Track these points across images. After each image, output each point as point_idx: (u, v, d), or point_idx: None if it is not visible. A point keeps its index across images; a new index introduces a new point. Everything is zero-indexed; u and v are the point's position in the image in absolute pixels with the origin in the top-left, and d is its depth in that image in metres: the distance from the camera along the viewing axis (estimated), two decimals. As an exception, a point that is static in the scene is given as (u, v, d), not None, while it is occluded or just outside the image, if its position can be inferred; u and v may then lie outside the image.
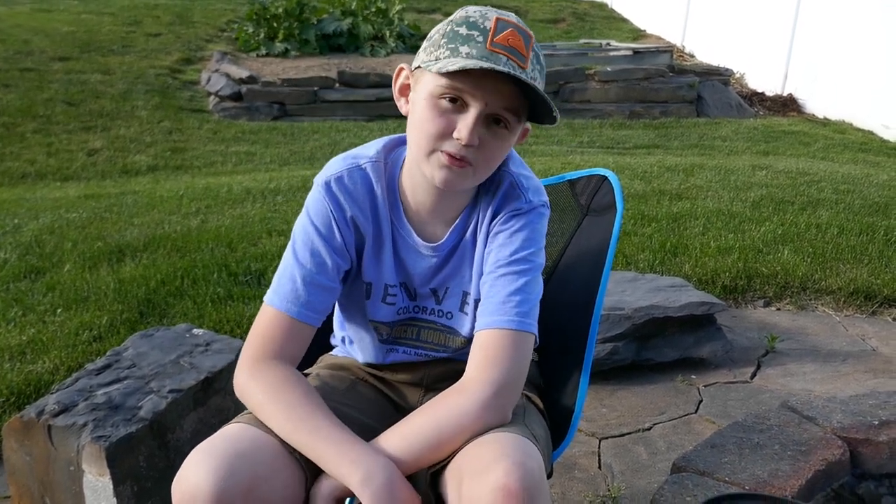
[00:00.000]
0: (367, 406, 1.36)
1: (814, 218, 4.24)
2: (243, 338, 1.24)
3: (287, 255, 1.24)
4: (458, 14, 1.15)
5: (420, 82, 1.17)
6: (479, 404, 1.11)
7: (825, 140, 8.12)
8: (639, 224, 4.05)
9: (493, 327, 1.18)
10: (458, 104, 1.13)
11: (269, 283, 1.25)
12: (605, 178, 1.71)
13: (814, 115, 9.69)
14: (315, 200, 1.25)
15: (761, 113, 9.72)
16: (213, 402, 1.99)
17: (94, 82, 8.49)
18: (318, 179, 1.26)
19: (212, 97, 8.41)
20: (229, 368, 2.02)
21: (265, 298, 1.23)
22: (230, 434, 1.11)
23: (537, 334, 1.22)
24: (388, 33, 10.06)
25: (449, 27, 1.14)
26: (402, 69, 1.23)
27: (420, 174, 1.21)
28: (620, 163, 5.92)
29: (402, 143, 1.30)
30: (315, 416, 1.13)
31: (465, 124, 1.11)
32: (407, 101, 1.22)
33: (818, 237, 3.90)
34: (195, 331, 2.21)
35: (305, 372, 1.44)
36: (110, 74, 8.79)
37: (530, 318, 1.20)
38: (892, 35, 8.42)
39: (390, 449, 1.12)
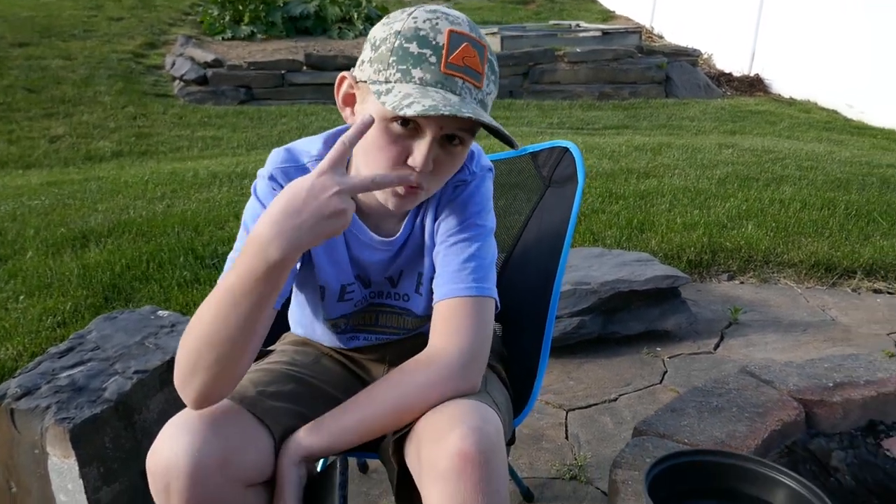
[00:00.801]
0: (332, 378, 1.37)
1: (777, 194, 4.31)
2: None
3: (240, 241, 1.19)
4: (408, 25, 1.06)
5: (368, 101, 1.10)
6: (445, 375, 1.12)
7: (791, 119, 8.24)
8: (606, 202, 4.09)
9: (452, 296, 1.18)
10: (411, 127, 1.07)
11: None
12: (566, 149, 1.73)
13: (780, 94, 9.82)
14: (264, 189, 1.20)
15: (729, 93, 9.82)
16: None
17: (55, 68, 8.32)
18: (264, 172, 1.22)
19: (177, 81, 8.29)
20: (195, 348, 2.01)
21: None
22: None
23: (497, 298, 1.23)
24: (355, 15, 9.98)
25: (398, 42, 1.06)
26: (343, 78, 1.15)
27: None
28: (590, 143, 5.95)
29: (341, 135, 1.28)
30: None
31: (420, 153, 1.07)
32: (353, 113, 1.16)
33: (781, 212, 3.97)
34: (160, 313, 2.19)
35: (269, 349, 1.44)
36: (72, 60, 8.62)
37: (488, 283, 1.20)
38: (855, 16, 8.54)
39: (355, 413, 1.13)
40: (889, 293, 3.31)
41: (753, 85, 10.02)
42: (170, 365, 1.94)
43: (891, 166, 5.40)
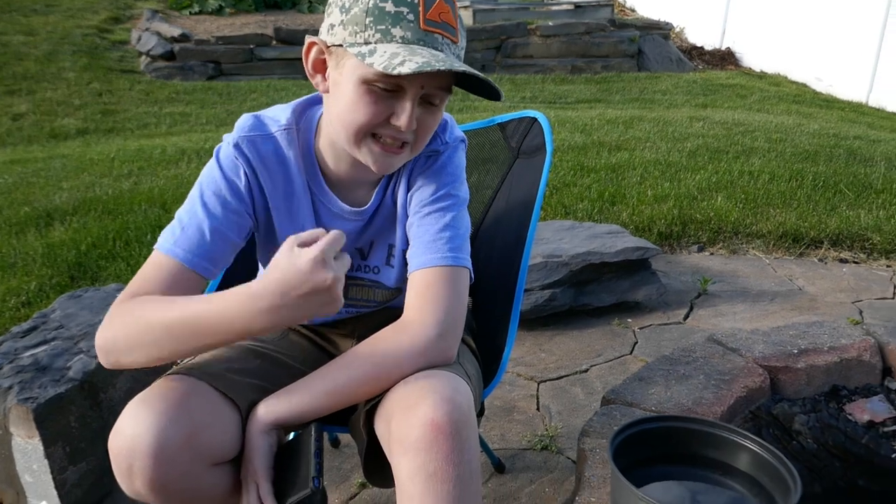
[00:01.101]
0: (299, 354, 1.36)
1: (747, 166, 4.35)
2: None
3: (194, 205, 1.16)
4: None
5: (345, 65, 1.08)
6: (420, 344, 1.11)
7: (761, 92, 8.30)
8: (578, 175, 4.09)
9: (427, 266, 1.17)
10: (393, 87, 1.06)
11: None
12: (534, 119, 1.73)
13: (751, 68, 9.88)
14: (227, 156, 1.18)
15: (700, 66, 9.86)
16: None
17: (16, 44, 8.10)
18: (229, 138, 1.19)
19: (143, 57, 8.11)
20: (162, 325, 1.98)
21: (162, 247, 1.14)
22: (167, 385, 1.08)
23: (471, 269, 1.22)
24: (325, -11, 9.82)
25: (371, 2, 1.04)
26: (312, 44, 1.12)
27: (343, 147, 1.16)
28: (562, 116, 5.95)
29: (313, 104, 1.25)
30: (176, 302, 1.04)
31: (404, 111, 1.06)
32: (324, 79, 1.13)
33: (750, 184, 4.00)
34: (126, 290, 2.16)
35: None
36: (34, 35, 8.38)
37: (463, 253, 1.20)
38: (823, -13, 8.59)
39: (327, 380, 1.12)
40: (854, 262, 3.37)
41: (725, 58, 10.06)
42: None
43: (857, 138, 5.47)
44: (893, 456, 1.23)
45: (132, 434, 0.99)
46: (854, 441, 1.26)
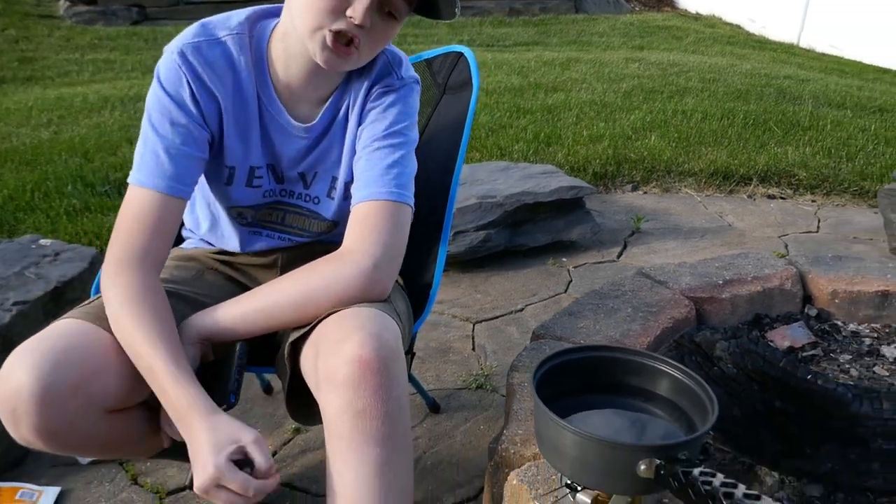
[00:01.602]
0: (216, 293, 1.31)
1: (680, 105, 4.39)
2: (104, 250, 1.14)
3: (145, 130, 1.13)
4: None
5: None
6: (356, 273, 1.09)
7: (696, 34, 8.36)
8: (514, 117, 4.07)
9: (372, 199, 1.15)
10: None
11: None
12: (460, 54, 1.68)
13: (686, 10, 9.92)
14: (168, 69, 1.13)
15: (637, 8, 9.86)
16: (66, 312, 1.88)
17: (-81, -13, 7.57)
18: (171, 47, 1.14)
19: (62, 1, 7.69)
20: (81, 277, 1.91)
21: (129, 179, 1.13)
22: (58, 329, 1.05)
23: (414, 208, 1.21)
24: (254, -72, 9.40)
25: None
26: None
27: (297, 48, 1.14)
28: (499, 59, 5.89)
29: (269, 15, 1.20)
30: (157, 348, 1.04)
31: (361, 4, 1.04)
32: None
33: (683, 123, 4.05)
34: (42, 241, 2.06)
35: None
36: (-61, -23, 7.84)
37: (408, 192, 1.19)
38: (757, -74, 8.62)
39: (258, 300, 1.10)
40: (782, 198, 3.46)
41: (661, 0, 10.08)
42: (54, 295, 1.85)
43: (787, 77, 5.57)
44: (809, 377, 1.27)
45: (15, 378, 0.96)
46: (772, 364, 1.29)
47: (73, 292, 1.89)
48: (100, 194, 3.01)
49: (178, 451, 1.08)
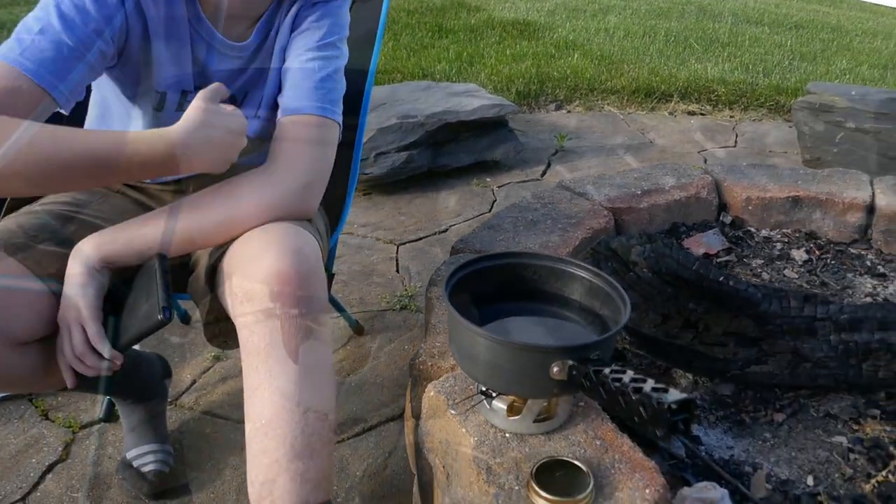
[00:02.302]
0: (121, 217, 1.22)
1: (603, 23, 4.36)
2: None
3: (48, 12, 0.98)
4: None
5: None
6: (283, 189, 1.04)
7: (620, -48, 8.28)
8: (436, 37, 3.96)
9: (303, 112, 1.10)
10: None
11: None
12: (369, -41, 1.60)
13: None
14: None
15: (561, -73, 9.67)
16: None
17: None
18: None
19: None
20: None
21: None
22: None
23: (341, 126, 1.16)
24: None
25: None
26: None
27: None
28: (420, -21, 5.70)
29: None
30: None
31: None
32: None
33: (606, 41, 4.03)
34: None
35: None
36: None
37: (338, 109, 1.14)
38: None
39: (176, 224, 1.02)
40: (701, 114, 3.50)
41: (586, -82, 9.91)
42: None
43: (709, -5, 5.59)
44: (721, 279, 1.29)
45: None
46: (685, 267, 1.31)
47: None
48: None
49: (90, 384, 1.02)
